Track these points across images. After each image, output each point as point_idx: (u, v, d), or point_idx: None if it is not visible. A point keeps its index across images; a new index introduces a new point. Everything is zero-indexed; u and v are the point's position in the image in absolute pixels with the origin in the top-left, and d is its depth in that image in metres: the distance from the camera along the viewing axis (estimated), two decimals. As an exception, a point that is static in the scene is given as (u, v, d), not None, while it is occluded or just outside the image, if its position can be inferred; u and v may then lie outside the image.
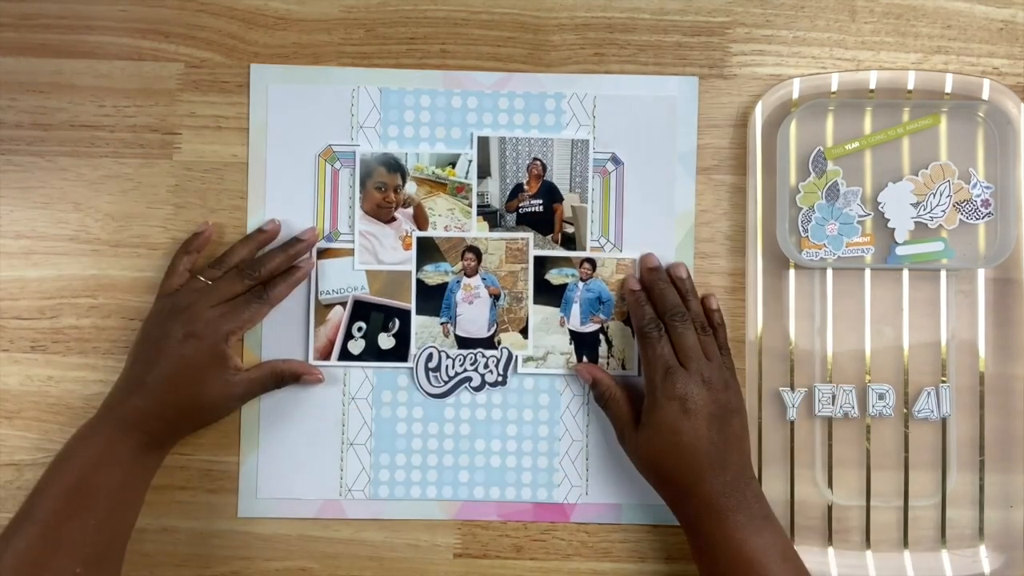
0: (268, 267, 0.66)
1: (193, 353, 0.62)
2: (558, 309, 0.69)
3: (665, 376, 0.62)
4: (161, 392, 0.62)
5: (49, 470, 0.61)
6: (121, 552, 0.61)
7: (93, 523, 0.59)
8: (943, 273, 0.68)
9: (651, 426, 0.63)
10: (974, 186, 0.67)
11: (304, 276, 0.67)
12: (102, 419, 0.63)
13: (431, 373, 0.69)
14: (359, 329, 0.69)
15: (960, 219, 0.67)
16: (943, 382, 0.68)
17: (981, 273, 0.68)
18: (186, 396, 0.63)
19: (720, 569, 0.61)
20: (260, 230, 0.68)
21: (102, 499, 0.60)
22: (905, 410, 0.68)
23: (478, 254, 0.69)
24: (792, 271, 0.68)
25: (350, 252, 0.69)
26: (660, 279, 0.67)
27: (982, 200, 0.67)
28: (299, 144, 0.69)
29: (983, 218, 0.67)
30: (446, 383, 0.69)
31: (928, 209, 0.67)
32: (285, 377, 0.66)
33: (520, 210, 0.69)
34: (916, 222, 0.67)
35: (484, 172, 0.69)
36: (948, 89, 0.68)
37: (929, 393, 0.68)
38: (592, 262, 0.69)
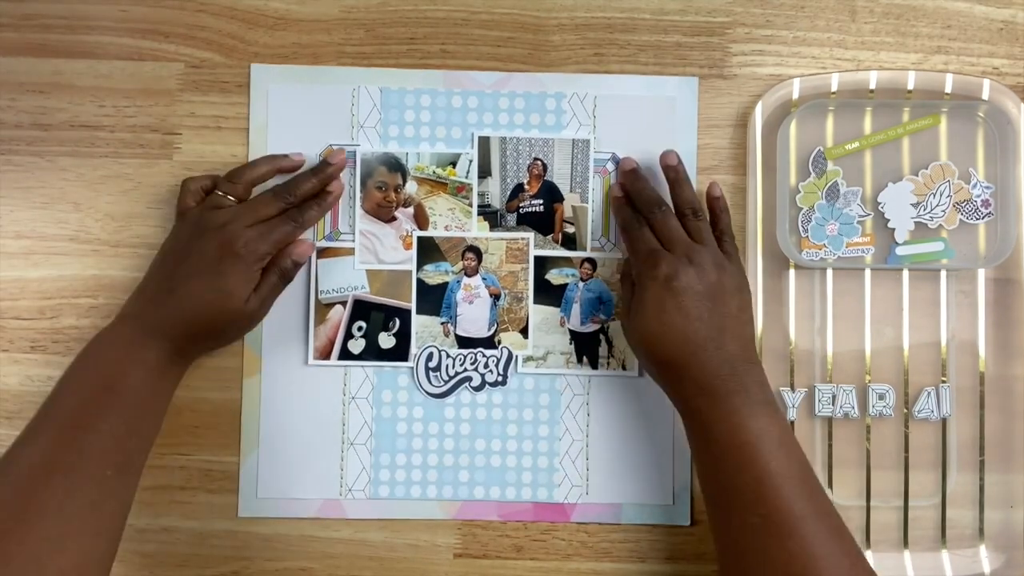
0: (302, 190, 0.65)
1: (230, 270, 0.61)
2: (558, 309, 0.69)
3: (648, 258, 0.62)
4: (192, 304, 0.61)
5: (69, 372, 0.59)
6: (143, 463, 0.60)
7: (123, 426, 0.57)
8: (943, 273, 0.68)
9: (639, 309, 0.61)
10: (974, 186, 0.67)
11: (335, 200, 0.67)
12: (124, 324, 0.61)
13: (431, 373, 0.69)
14: (359, 328, 0.69)
15: (960, 219, 0.67)
16: (943, 382, 0.68)
17: (981, 273, 0.68)
18: (217, 310, 0.61)
19: (713, 452, 0.58)
20: (284, 156, 0.67)
21: (130, 401, 0.58)
22: (905, 410, 0.68)
23: (478, 254, 0.69)
24: (792, 271, 0.68)
25: (350, 251, 0.69)
26: (636, 179, 0.67)
27: (982, 200, 0.67)
28: (299, 144, 0.69)
29: (983, 218, 0.67)
30: (446, 383, 0.69)
31: (928, 209, 0.67)
32: (287, 271, 0.65)
33: (520, 210, 0.69)
34: (916, 222, 0.67)
35: (485, 172, 0.69)
36: (948, 89, 0.68)
37: (929, 393, 0.68)
38: (592, 262, 0.69)
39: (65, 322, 0.69)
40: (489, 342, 0.69)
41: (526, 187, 0.69)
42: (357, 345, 0.69)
